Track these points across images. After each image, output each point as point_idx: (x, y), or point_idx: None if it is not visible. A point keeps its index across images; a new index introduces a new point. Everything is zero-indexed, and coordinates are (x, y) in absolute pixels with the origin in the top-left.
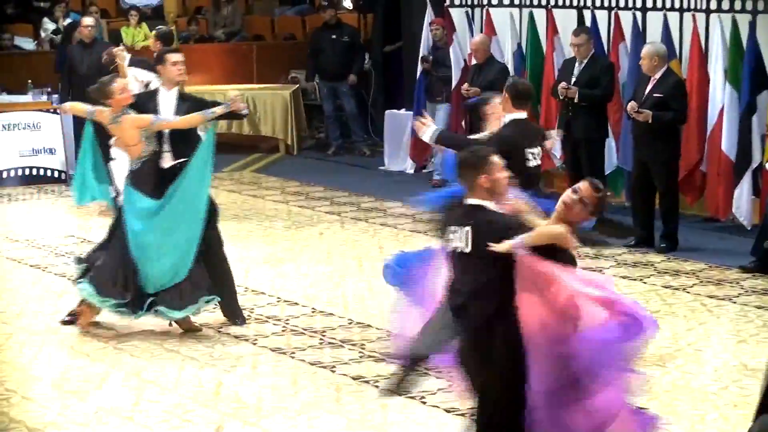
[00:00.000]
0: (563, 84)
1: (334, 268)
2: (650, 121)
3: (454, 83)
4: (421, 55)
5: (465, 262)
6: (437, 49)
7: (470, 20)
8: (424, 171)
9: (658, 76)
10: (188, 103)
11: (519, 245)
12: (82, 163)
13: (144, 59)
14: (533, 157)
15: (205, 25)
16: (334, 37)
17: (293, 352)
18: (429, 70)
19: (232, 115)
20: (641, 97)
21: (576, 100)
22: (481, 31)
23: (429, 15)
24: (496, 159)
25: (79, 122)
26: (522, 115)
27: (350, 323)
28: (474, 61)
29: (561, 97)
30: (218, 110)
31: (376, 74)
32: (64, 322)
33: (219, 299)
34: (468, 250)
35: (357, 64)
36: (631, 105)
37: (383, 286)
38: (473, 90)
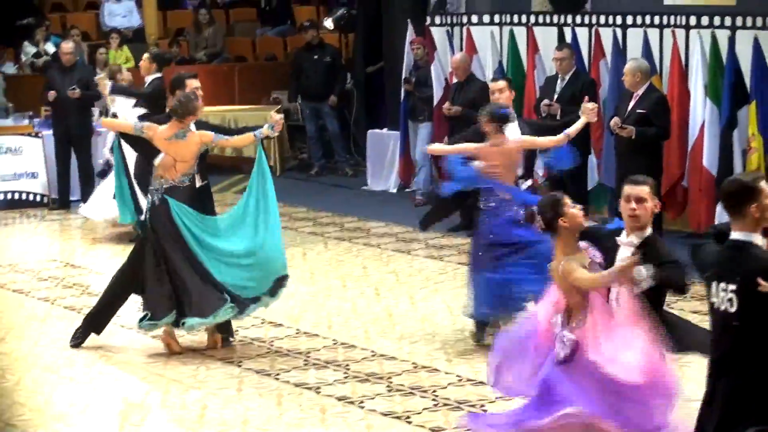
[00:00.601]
0: (545, 101)
1: (317, 289)
2: (633, 137)
3: (435, 101)
4: (403, 76)
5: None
6: (418, 68)
7: (451, 39)
8: (407, 190)
9: (640, 92)
10: (204, 129)
11: None
12: (119, 181)
13: (123, 86)
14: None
15: (187, 46)
16: (316, 57)
17: (278, 374)
18: (411, 91)
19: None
20: (624, 113)
21: (558, 117)
22: (462, 50)
23: (410, 34)
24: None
25: (61, 146)
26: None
27: (335, 344)
28: (455, 80)
29: (543, 115)
30: (265, 131)
31: (358, 94)
32: (75, 346)
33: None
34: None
35: (339, 84)
36: (614, 121)
37: (367, 307)
38: (454, 109)
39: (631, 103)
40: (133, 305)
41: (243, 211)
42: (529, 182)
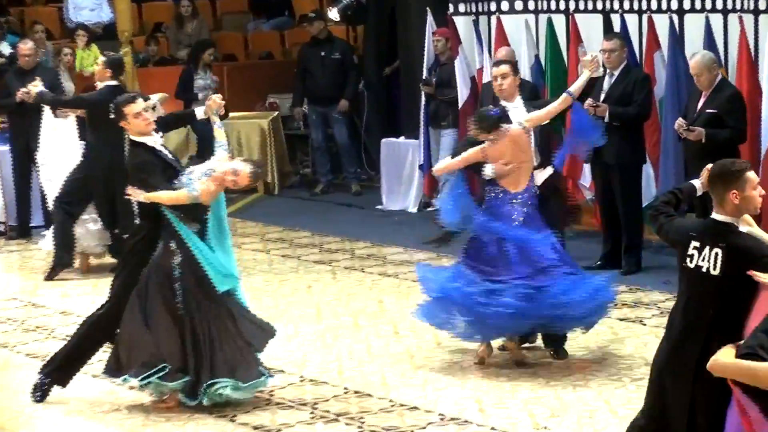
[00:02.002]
0: (590, 101)
1: (325, 328)
2: (703, 140)
3: (460, 103)
4: (423, 74)
5: (708, 284)
6: (440, 65)
7: (478, 30)
8: (429, 209)
9: (710, 89)
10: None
11: None
12: None
13: (52, 94)
14: None
15: (166, 44)
16: (323, 54)
17: (279, 430)
18: (432, 95)
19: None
20: (693, 114)
21: (607, 120)
22: (490, 42)
23: (430, 25)
24: (751, 175)
25: (20, 163)
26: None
27: (346, 393)
28: (488, 80)
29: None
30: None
31: (370, 96)
32: (39, 400)
33: None
34: (716, 273)
35: (350, 85)
36: (679, 122)
37: (385, 348)
38: None
39: (701, 102)
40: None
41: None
42: (549, 170)
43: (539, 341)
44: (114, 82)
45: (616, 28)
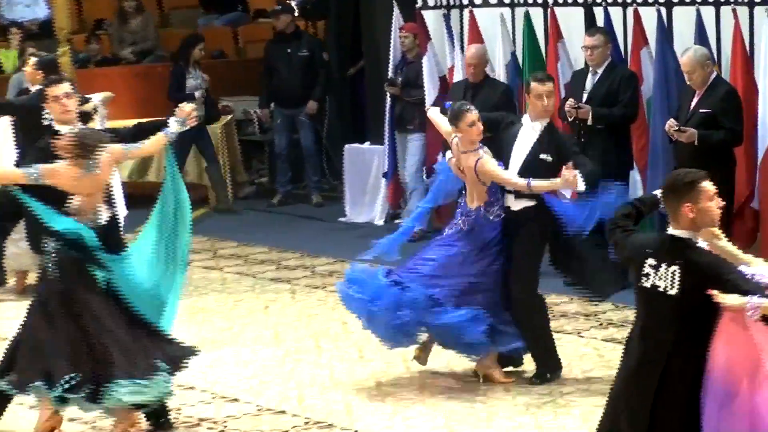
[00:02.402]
0: (572, 102)
1: (284, 352)
2: (696, 143)
3: (428, 103)
4: (389, 74)
5: (666, 305)
6: (407, 63)
7: (449, 25)
8: (396, 221)
9: (704, 87)
10: None
11: (755, 307)
12: None
13: None
14: None
15: (109, 42)
16: (289, 50)
17: None
18: (398, 96)
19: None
20: (686, 115)
21: (589, 122)
22: (462, 39)
23: (397, 20)
24: (705, 185)
25: None
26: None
27: (307, 423)
28: (460, 79)
29: (570, 119)
30: (175, 127)
31: (332, 99)
32: None
33: None
34: (673, 292)
35: (319, 85)
36: (670, 123)
37: (349, 374)
38: None
39: (693, 101)
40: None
41: (153, 237)
42: (529, 203)
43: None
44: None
45: (600, 22)
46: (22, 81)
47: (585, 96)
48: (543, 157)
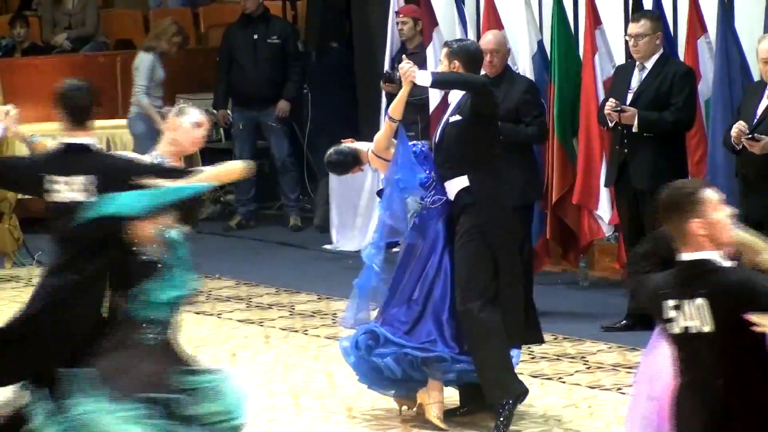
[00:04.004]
0: (612, 103)
1: (257, 410)
2: None
3: (432, 106)
4: (385, 67)
5: (708, 345)
6: (407, 54)
7: (460, 7)
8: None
9: None
10: None
11: None
12: None
13: None
14: None
15: (39, 27)
16: (256, 37)
17: None
18: (395, 94)
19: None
20: (751, 118)
21: (635, 129)
22: (478, 24)
23: (395, 2)
24: (710, 194)
25: None
26: None
27: None
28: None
29: (610, 124)
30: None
31: (314, 97)
32: None
33: None
34: (708, 329)
35: (292, 81)
36: (739, 127)
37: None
38: None
39: (764, 102)
40: None
41: None
42: (462, 181)
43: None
44: None
45: (648, 5)
46: None
47: (630, 96)
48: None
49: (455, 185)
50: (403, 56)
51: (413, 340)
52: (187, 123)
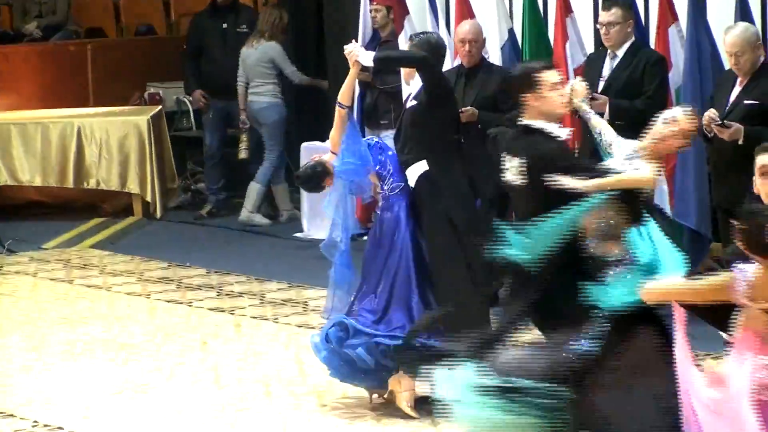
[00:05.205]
0: (714, 115)
1: (228, 398)
2: (740, 141)
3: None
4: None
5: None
6: (380, 43)
7: None
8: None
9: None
10: None
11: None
12: None
13: None
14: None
15: (9, 14)
16: (225, 26)
17: None
18: (369, 83)
19: None
20: (723, 107)
21: (606, 117)
22: (448, 12)
23: None
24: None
25: None
26: None
27: None
28: (455, 63)
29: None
30: None
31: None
32: None
33: None
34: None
35: None
36: (710, 115)
37: (306, 424)
38: (469, 111)
39: (735, 91)
40: None
41: None
42: (422, 165)
43: None
44: None
45: None
46: None
47: (601, 85)
48: None
49: (415, 171)
50: (353, 40)
51: (383, 328)
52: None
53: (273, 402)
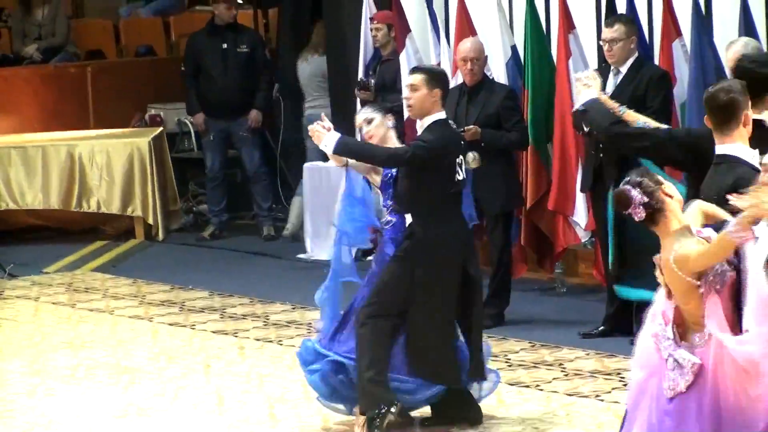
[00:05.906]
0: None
1: (231, 421)
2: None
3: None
4: (359, 75)
5: None
6: (381, 62)
7: (433, 13)
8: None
9: None
10: None
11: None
12: None
13: None
14: (460, 169)
15: (9, 37)
16: (225, 46)
17: None
18: (371, 102)
19: None
20: None
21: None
22: (448, 29)
23: (367, 8)
24: None
25: None
26: (442, 115)
27: None
28: (457, 81)
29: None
30: None
31: (287, 106)
32: None
33: None
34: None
35: (263, 90)
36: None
37: None
38: (471, 130)
39: None
40: None
41: None
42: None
43: None
44: None
45: (621, 8)
46: None
47: None
48: None
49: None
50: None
51: (338, 347)
52: None
53: (277, 425)
